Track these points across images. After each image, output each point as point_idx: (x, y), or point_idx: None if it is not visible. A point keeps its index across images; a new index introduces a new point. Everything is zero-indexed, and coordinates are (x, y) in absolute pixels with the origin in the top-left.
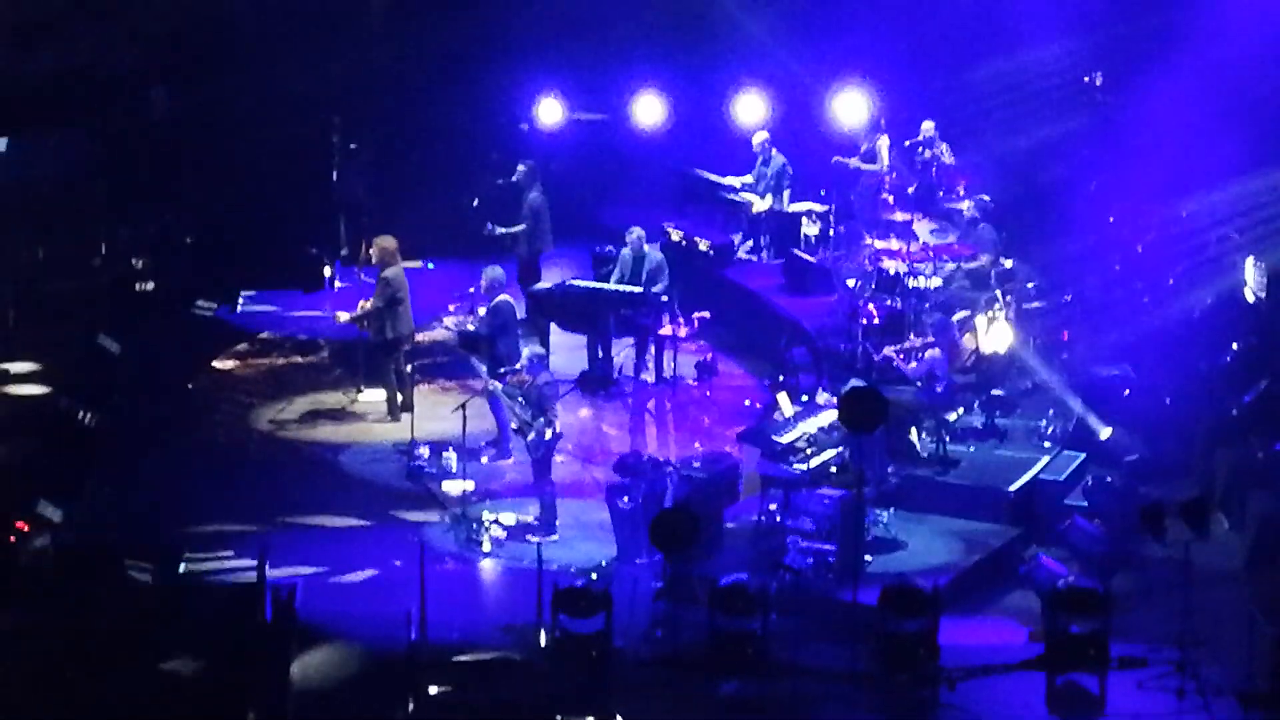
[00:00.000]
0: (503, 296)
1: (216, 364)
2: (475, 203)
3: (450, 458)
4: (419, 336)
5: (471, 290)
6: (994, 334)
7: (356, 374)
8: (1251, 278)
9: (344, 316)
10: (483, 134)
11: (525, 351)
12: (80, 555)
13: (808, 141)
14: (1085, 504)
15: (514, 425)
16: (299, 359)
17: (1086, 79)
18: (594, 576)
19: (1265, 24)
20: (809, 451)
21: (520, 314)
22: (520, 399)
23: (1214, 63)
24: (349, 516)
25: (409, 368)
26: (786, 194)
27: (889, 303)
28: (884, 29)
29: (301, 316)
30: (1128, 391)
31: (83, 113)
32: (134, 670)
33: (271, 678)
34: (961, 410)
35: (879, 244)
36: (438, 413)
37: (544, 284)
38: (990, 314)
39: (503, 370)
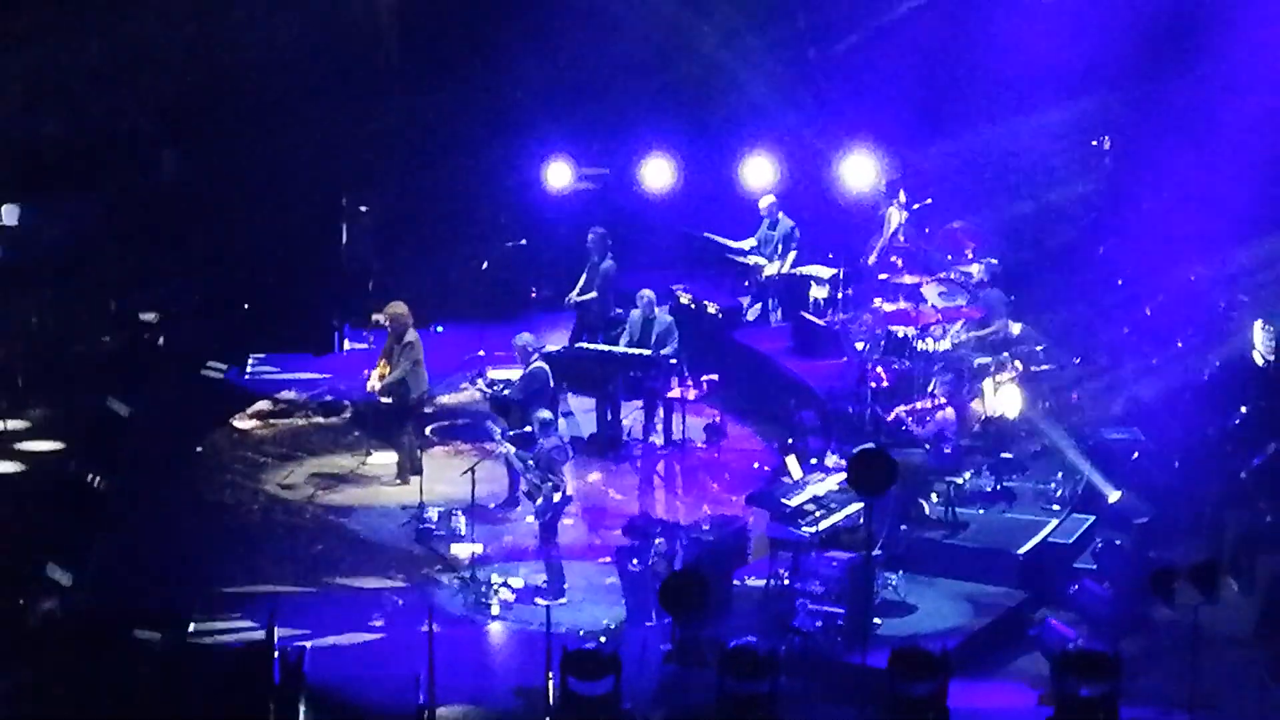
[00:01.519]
0: (539, 363)
1: (237, 424)
2: (484, 265)
3: (459, 520)
4: (445, 398)
5: (481, 353)
6: (1002, 398)
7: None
8: (1260, 340)
9: (377, 386)
10: (491, 197)
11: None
12: (89, 618)
13: (816, 205)
14: (1094, 567)
15: (524, 488)
16: (320, 420)
17: (1095, 143)
18: (603, 639)
19: (1274, 85)
20: (818, 514)
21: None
22: (530, 461)
23: (1223, 124)
24: (357, 579)
25: (428, 429)
26: (792, 256)
27: (897, 365)
28: (892, 92)
29: (310, 379)
30: (1137, 454)
31: (93, 176)
32: None
33: None
34: (970, 473)
35: (887, 307)
36: (446, 475)
37: (552, 346)
38: (998, 378)
39: (513, 433)
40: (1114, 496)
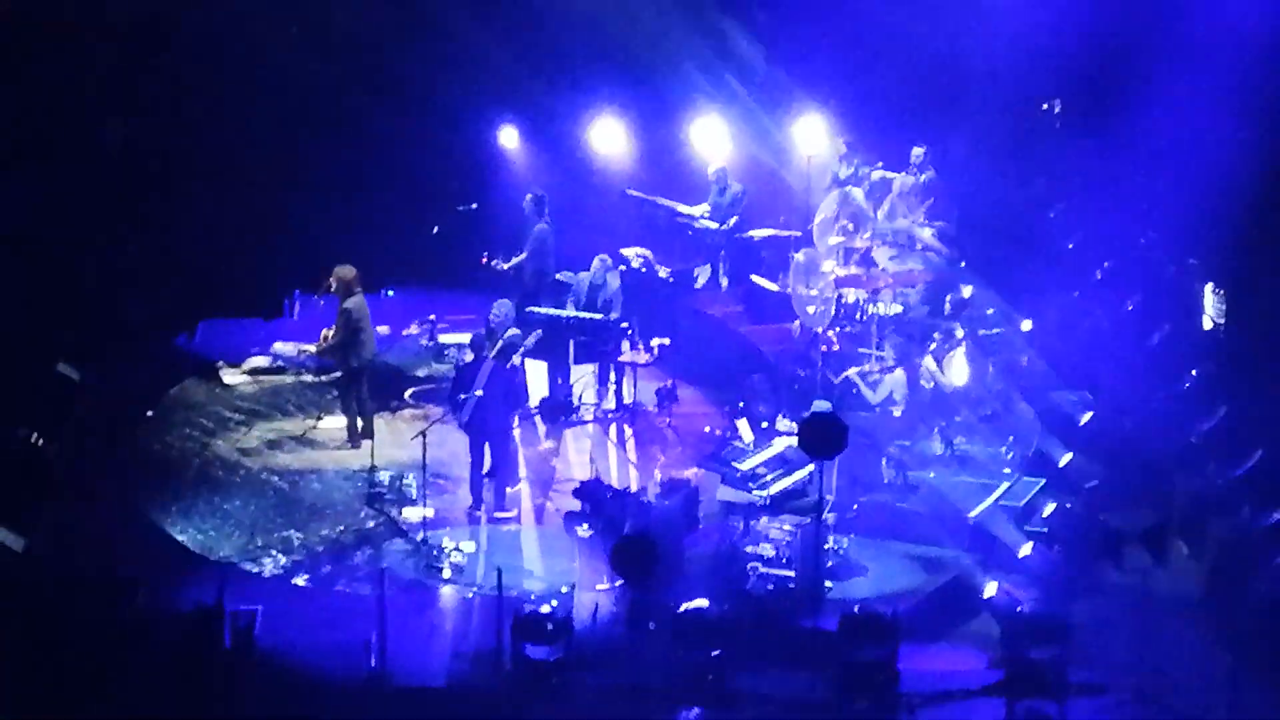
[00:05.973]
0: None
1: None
2: (435, 230)
3: (410, 484)
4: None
5: (432, 317)
6: (952, 361)
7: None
8: (1210, 305)
9: (310, 349)
10: (441, 162)
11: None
12: (39, 584)
13: (768, 167)
14: (1045, 530)
15: None
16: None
17: (1045, 106)
18: (554, 604)
19: (1224, 55)
20: (769, 478)
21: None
22: None
23: (1171, 94)
24: (308, 544)
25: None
26: (733, 220)
27: (848, 329)
28: (843, 57)
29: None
30: (1087, 418)
31: (39, 143)
32: (95, 700)
33: (231, 706)
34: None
35: (839, 271)
36: (399, 439)
37: None
38: (949, 341)
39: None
40: (1065, 459)
